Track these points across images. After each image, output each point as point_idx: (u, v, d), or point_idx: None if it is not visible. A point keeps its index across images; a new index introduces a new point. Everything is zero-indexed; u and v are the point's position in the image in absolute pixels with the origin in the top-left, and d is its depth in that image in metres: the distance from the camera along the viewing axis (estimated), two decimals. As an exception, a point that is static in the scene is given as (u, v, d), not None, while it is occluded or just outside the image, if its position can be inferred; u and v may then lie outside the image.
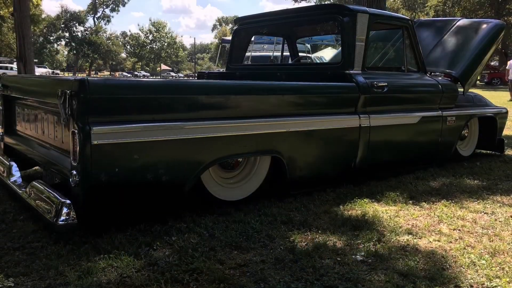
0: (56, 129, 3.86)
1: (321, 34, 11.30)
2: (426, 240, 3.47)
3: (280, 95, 4.22)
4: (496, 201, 4.51)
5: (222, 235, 3.40)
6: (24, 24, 17.79)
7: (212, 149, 3.72)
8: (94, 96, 3.12)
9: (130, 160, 3.29)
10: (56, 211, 3.12)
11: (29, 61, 17.64)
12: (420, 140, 5.70)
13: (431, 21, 7.99)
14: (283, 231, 3.55)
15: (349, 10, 5.00)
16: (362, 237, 3.44)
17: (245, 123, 3.88)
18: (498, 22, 6.83)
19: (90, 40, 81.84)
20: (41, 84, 4.14)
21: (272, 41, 16.14)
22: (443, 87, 5.80)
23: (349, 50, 4.93)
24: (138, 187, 3.39)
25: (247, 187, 4.29)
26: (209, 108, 3.70)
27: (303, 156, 4.41)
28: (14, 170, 4.17)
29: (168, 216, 3.68)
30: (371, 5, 10.45)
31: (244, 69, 6.71)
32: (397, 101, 5.33)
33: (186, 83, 4.01)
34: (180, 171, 3.59)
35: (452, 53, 6.56)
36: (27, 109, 4.54)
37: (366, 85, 4.84)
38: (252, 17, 6.43)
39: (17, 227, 3.52)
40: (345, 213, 4.03)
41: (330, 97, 4.69)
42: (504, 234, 3.61)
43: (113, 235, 3.28)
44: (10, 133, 4.97)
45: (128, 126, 3.25)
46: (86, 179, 3.13)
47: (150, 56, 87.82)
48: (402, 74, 5.64)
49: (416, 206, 4.30)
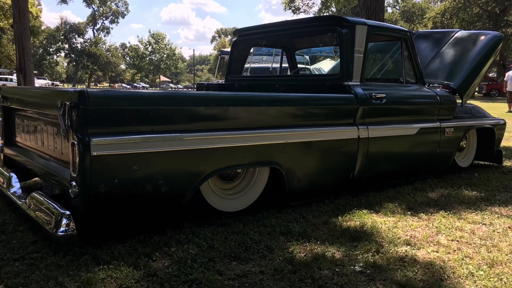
0: (55, 140, 3.87)
1: (320, 45, 11.31)
2: (424, 251, 3.48)
3: (279, 107, 4.24)
4: (494, 212, 4.52)
5: (221, 246, 3.41)
6: (23, 36, 17.83)
7: (211, 160, 3.73)
8: (93, 107, 3.14)
9: (130, 171, 3.30)
10: (55, 222, 3.12)
11: (28, 72, 17.65)
12: (418, 151, 5.71)
13: (429, 32, 8.01)
14: (282, 242, 3.56)
15: (347, 21, 5.02)
16: (361, 248, 3.44)
17: (244, 135, 3.90)
18: (496, 33, 6.84)
19: (89, 51, 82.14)
20: (40, 96, 4.16)
21: (271, 52, 16.19)
22: (441, 99, 5.82)
23: (347, 61, 4.94)
24: (137, 198, 3.40)
25: (246, 198, 4.30)
26: (208, 119, 3.72)
27: (301, 167, 4.43)
28: (13, 181, 4.18)
29: (167, 227, 3.69)
30: (369, 17, 10.53)
31: (243, 81, 6.73)
32: (395, 112, 5.35)
33: (185, 95, 4.03)
34: (179, 182, 3.60)
35: (450, 64, 6.58)
36: (26, 120, 4.56)
37: (365, 97, 4.86)
38: (251, 28, 6.46)
39: (17, 238, 3.53)
40: (344, 224, 4.04)
41: (328, 109, 4.71)
42: (502, 245, 3.62)
43: (113, 246, 3.30)
44: (10, 144, 4.99)
45: (127, 137, 3.26)
46: (85, 190, 3.14)
47: (150, 67, 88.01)
48: (401, 86, 5.66)
49: (415, 217, 4.31)
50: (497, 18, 43.38)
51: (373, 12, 10.84)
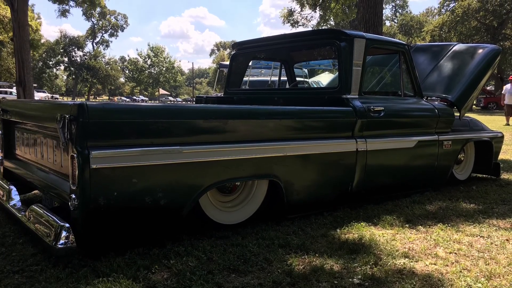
0: (55, 153, 3.89)
1: (318, 59, 11.35)
2: (422, 263, 3.49)
3: (278, 120, 4.25)
4: (492, 225, 4.53)
5: (220, 259, 3.41)
6: (23, 49, 17.91)
7: (210, 173, 3.75)
8: (93, 120, 3.15)
9: (129, 184, 3.31)
10: (55, 235, 3.13)
11: (28, 85, 17.72)
12: (416, 164, 5.72)
13: (427, 46, 8.04)
14: (281, 254, 3.57)
15: (346, 35, 5.05)
16: (359, 261, 3.45)
17: (243, 147, 3.92)
18: (494, 47, 6.86)
19: (89, 64, 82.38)
20: (40, 109, 4.17)
21: (270, 65, 16.27)
22: (439, 112, 5.85)
23: (346, 74, 4.97)
24: (136, 211, 3.40)
25: (245, 210, 4.31)
26: (207, 132, 3.74)
27: (300, 180, 4.44)
28: (13, 194, 4.19)
29: (166, 240, 3.70)
30: (368, 30, 10.56)
31: (242, 94, 6.75)
32: (393, 125, 5.37)
33: (184, 108, 4.04)
34: (179, 195, 3.61)
35: (448, 77, 6.59)
36: (26, 133, 4.58)
37: (363, 110, 4.89)
38: (249, 42, 6.49)
39: (17, 251, 3.53)
40: (342, 236, 4.05)
41: (327, 122, 4.72)
42: (500, 258, 3.64)
43: (112, 259, 3.30)
44: (9, 157, 5.00)
45: (126, 150, 3.28)
46: (85, 203, 3.14)
47: (149, 80, 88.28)
48: (399, 99, 5.68)
49: (413, 230, 4.32)
50: (495, 31, 43.63)
51: (371, 26, 10.88)
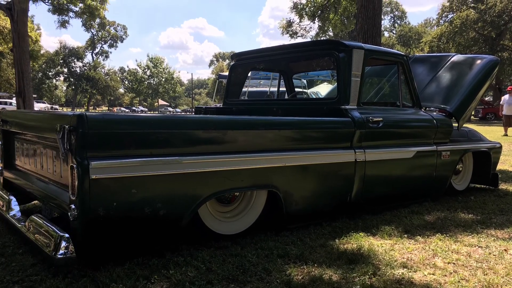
0: (55, 164, 3.90)
1: (317, 69, 11.44)
2: (421, 273, 3.50)
3: (277, 130, 4.27)
4: (490, 235, 4.55)
5: (219, 269, 3.42)
6: (23, 60, 17.98)
7: (209, 183, 3.76)
8: (92, 131, 3.16)
9: (128, 194, 3.32)
10: (55, 245, 3.13)
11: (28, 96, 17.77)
12: (415, 175, 5.74)
13: (426, 56, 8.06)
14: (280, 264, 3.57)
15: (344, 45, 5.08)
16: (358, 271, 3.46)
17: (242, 158, 3.93)
18: (492, 57, 6.88)
19: (88, 75, 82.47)
20: (40, 119, 4.18)
21: (269, 76, 16.33)
22: (437, 122, 5.88)
23: (344, 85, 5.00)
24: (136, 221, 3.41)
25: (244, 221, 4.32)
26: (206, 142, 3.75)
27: (299, 190, 4.45)
28: (13, 204, 4.19)
29: (165, 250, 3.71)
30: (366, 41, 10.61)
31: (241, 104, 6.78)
32: (392, 136, 5.39)
33: (184, 118, 4.05)
34: (178, 205, 3.62)
35: (446, 88, 6.62)
36: (26, 143, 4.59)
37: (362, 120, 4.91)
38: (248, 52, 6.52)
39: (16, 261, 3.54)
40: (341, 246, 4.06)
41: (326, 132, 4.74)
42: (498, 268, 3.64)
43: (111, 269, 3.31)
44: (9, 168, 5.01)
45: (126, 161, 3.29)
46: (84, 213, 3.15)
47: (148, 91, 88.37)
48: (397, 109, 5.70)
49: (411, 240, 4.33)
50: (493, 42, 43.79)
51: (370, 36, 10.93)
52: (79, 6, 29.02)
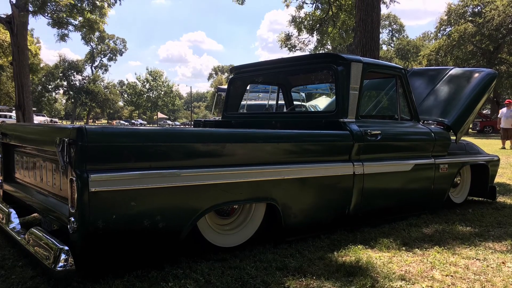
0: (54, 177, 3.92)
1: (316, 82, 11.47)
2: (419, 286, 3.50)
3: (275, 143, 4.29)
4: (488, 248, 4.56)
5: (218, 281, 3.43)
6: (23, 73, 18.06)
7: (208, 196, 3.77)
8: (91, 144, 3.17)
9: (128, 207, 3.33)
10: (54, 257, 3.14)
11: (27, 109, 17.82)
12: (413, 188, 5.76)
13: (424, 70, 8.08)
14: (278, 277, 3.58)
15: (343, 59, 5.11)
16: (356, 283, 3.47)
17: (240, 171, 3.95)
18: (490, 71, 6.91)
19: (88, 88, 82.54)
20: (39, 132, 4.19)
21: (267, 89, 16.39)
22: (435, 135, 5.90)
23: (343, 98, 5.03)
24: (135, 234, 3.42)
25: (243, 233, 4.33)
26: (205, 155, 3.77)
27: (297, 203, 4.47)
28: (13, 217, 4.19)
29: (164, 262, 3.72)
30: (365, 54, 10.67)
31: (239, 117, 6.81)
32: (390, 149, 5.41)
33: (183, 131, 4.07)
34: (177, 218, 3.63)
35: (444, 101, 6.64)
36: (25, 156, 4.61)
37: (360, 133, 4.94)
38: (247, 66, 6.56)
39: (16, 273, 3.55)
40: (339, 259, 4.07)
41: (324, 145, 4.77)
42: (496, 280, 3.66)
43: (111, 281, 3.32)
44: (9, 181, 5.03)
45: (125, 174, 3.30)
46: (84, 226, 3.16)
47: (147, 104, 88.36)
48: (396, 122, 5.73)
49: (409, 253, 4.34)
50: (490, 55, 43.89)
51: (368, 50, 11.00)
52: (79, 20, 29.13)
